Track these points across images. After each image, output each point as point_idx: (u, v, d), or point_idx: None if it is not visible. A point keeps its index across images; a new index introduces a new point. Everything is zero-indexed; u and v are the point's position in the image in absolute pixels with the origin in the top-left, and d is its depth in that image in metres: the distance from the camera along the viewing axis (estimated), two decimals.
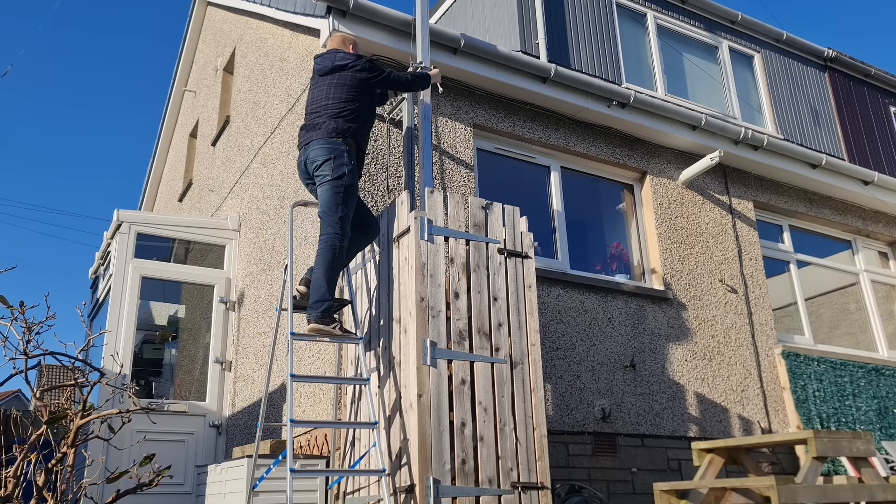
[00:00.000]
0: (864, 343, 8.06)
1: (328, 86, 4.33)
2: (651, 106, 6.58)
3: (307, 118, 4.38)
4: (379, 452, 3.79)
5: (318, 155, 4.14)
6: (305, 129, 4.33)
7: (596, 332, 5.87)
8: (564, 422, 5.41)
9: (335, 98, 4.28)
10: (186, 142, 10.63)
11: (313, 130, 4.26)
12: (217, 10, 9.74)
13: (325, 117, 4.25)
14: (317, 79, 4.44)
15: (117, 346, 6.33)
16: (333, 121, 4.22)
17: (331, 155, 4.12)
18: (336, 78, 4.33)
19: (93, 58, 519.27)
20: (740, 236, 7.19)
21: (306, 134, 4.29)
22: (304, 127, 4.36)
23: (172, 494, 6.16)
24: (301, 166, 4.31)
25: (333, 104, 4.26)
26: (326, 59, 4.42)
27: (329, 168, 4.10)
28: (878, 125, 9.73)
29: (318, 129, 4.23)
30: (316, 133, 4.23)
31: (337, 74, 4.33)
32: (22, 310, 2.98)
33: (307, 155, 4.21)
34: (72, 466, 3.05)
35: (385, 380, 4.12)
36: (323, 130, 4.21)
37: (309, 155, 4.19)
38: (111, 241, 6.95)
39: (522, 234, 4.40)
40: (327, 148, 4.14)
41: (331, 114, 4.24)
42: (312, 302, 4.00)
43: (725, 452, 4.52)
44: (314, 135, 4.23)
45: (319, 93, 4.35)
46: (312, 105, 4.37)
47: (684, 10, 8.56)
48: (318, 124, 4.25)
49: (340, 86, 4.30)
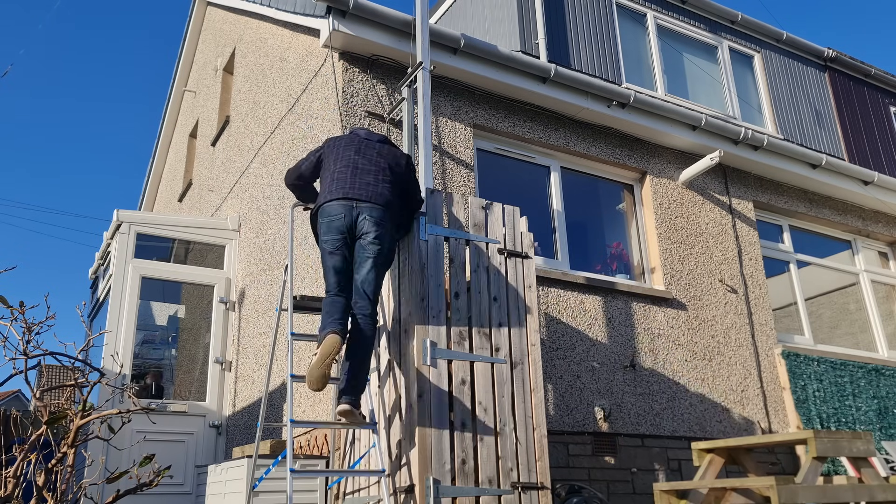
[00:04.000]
0: (864, 343, 8.06)
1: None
2: (651, 106, 6.58)
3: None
4: (379, 452, 3.79)
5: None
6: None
7: (596, 332, 5.87)
8: (564, 422, 5.41)
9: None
10: (186, 142, 10.63)
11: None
12: (217, 10, 9.74)
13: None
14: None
15: (117, 346, 6.33)
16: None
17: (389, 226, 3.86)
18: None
19: (93, 57, 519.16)
20: (740, 236, 7.19)
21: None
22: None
23: (172, 494, 6.17)
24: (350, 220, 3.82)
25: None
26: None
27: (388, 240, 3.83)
28: (878, 125, 9.73)
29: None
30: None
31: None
32: (22, 310, 2.98)
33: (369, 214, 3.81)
34: (72, 466, 3.05)
35: (385, 380, 4.12)
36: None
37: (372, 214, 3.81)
38: (111, 241, 6.95)
39: (522, 234, 4.40)
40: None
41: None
42: (352, 386, 3.63)
43: (725, 452, 4.52)
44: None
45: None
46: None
47: (684, 10, 8.56)
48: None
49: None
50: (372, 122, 5.40)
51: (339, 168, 3.92)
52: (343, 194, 3.78)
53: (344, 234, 3.75)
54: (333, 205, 3.78)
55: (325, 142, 4.16)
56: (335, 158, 3.98)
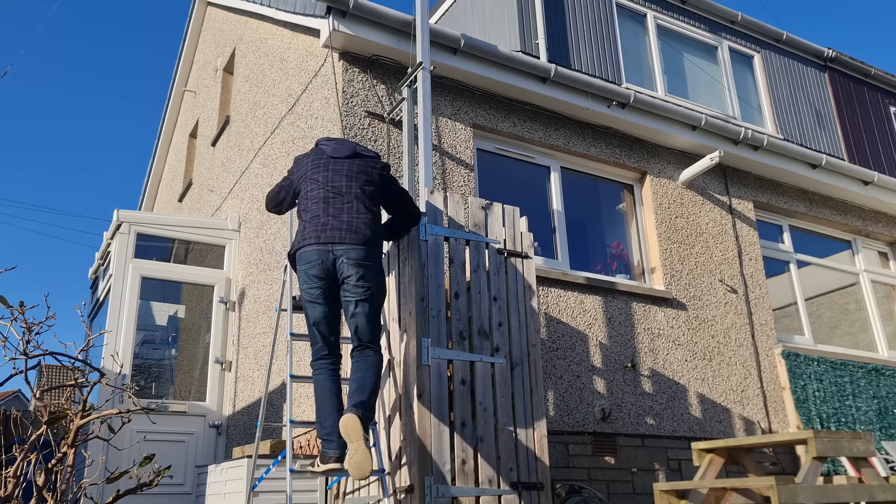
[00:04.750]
0: (864, 343, 8.06)
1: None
2: (651, 106, 6.58)
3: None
4: (379, 452, 3.79)
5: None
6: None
7: (596, 332, 5.87)
8: (564, 422, 5.41)
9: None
10: (186, 142, 10.63)
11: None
12: (217, 10, 9.74)
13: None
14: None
15: (117, 346, 6.33)
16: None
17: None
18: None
19: (93, 56, 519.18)
20: (740, 236, 7.19)
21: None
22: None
23: (172, 494, 6.17)
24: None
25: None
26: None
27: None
28: (878, 125, 9.73)
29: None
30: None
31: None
32: (22, 310, 2.98)
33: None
34: (72, 466, 3.05)
35: (385, 380, 4.12)
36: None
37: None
38: (111, 241, 6.95)
39: (522, 234, 4.40)
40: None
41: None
42: (362, 400, 3.39)
43: (725, 452, 4.52)
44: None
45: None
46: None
47: (684, 10, 8.56)
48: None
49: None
50: (371, 122, 5.40)
51: (310, 203, 3.66)
52: (316, 238, 3.52)
53: (324, 280, 3.51)
54: (308, 251, 3.54)
55: (294, 162, 3.91)
56: (305, 188, 3.73)
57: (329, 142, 3.88)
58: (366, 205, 3.65)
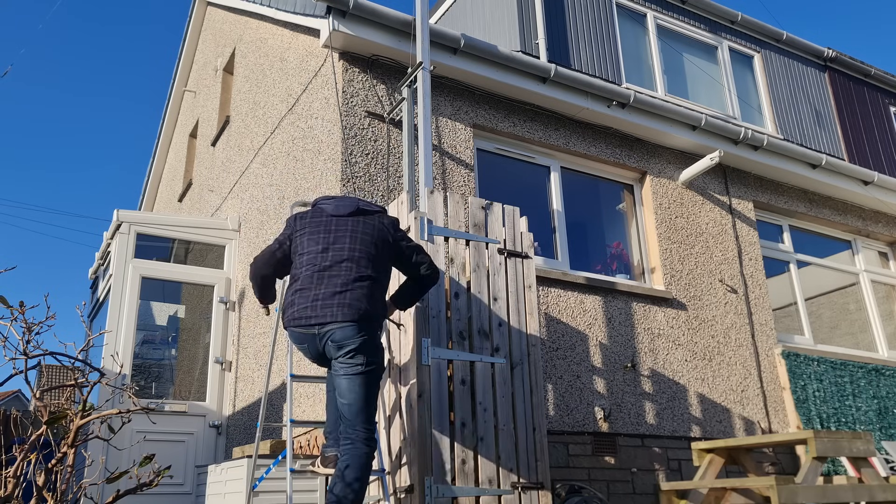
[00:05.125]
0: (864, 343, 8.06)
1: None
2: (651, 106, 6.58)
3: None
4: (379, 452, 3.79)
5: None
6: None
7: (596, 332, 5.87)
8: (564, 422, 5.41)
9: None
10: (186, 142, 10.63)
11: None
12: (217, 10, 9.74)
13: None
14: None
15: (117, 346, 6.33)
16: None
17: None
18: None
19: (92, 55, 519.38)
20: (740, 236, 7.19)
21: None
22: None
23: (172, 494, 6.16)
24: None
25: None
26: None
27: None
28: (878, 125, 9.73)
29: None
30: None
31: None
32: (22, 310, 2.98)
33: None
34: (72, 466, 3.05)
35: (385, 380, 4.12)
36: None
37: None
38: (111, 241, 6.95)
39: (522, 234, 4.40)
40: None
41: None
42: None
43: (725, 452, 4.53)
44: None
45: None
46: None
47: (684, 10, 8.56)
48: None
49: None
50: (371, 122, 5.40)
51: (303, 271, 3.33)
52: (305, 321, 3.21)
53: (317, 359, 3.31)
54: (295, 332, 3.28)
55: (287, 223, 3.55)
56: (300, 250, 3.41)
57: (329, 200, 3.53)
58: (367, 271, 3.30)
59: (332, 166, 5.23)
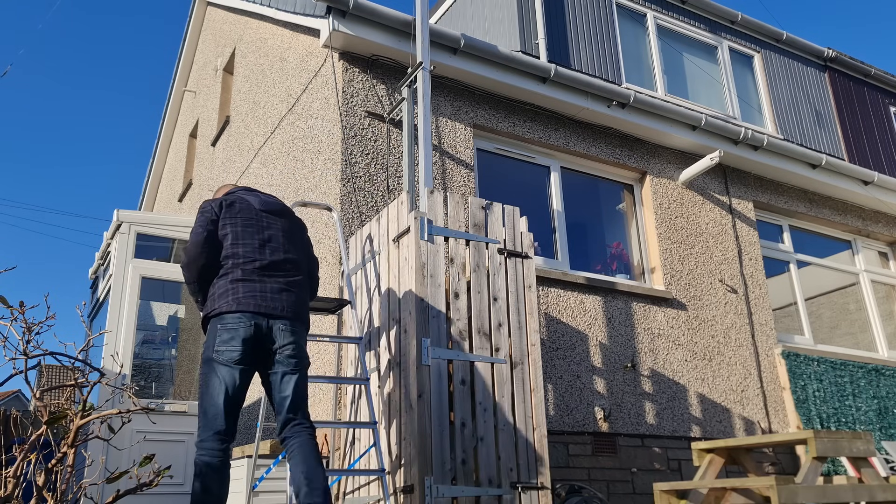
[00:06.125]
0: (864, 343, 8.06)
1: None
2: (651, 106, 6.58)
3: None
4: (379, 452, 3.79)
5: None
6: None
7: (596, 332, 5.87)
8: (564, 422, 5.41)
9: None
10: (186, 142, 10.64)
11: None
12: (217, 10, 9.75)
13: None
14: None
15: (117, 346, 6.33)
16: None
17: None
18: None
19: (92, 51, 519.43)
20: (740, 236, 7.19)
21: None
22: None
23: (172, 494, 6.16)
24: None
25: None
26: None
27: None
28: (878, 125, 9.73)
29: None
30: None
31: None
32: (22, 310, 2.98)
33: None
34: (72, 466, 3.05)
35: (385, 380, 4.12)
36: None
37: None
38: (111, 241, 6.95)
39: (522, 234, 4.40)
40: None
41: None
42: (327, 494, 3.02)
43: (725, 452, 4.52)
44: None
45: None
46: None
47: (684, 10, 8.56)
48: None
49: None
50: (371, 122, 5.40)
51: (240, 262, 3.28)
52: (255, 307, 3.16)
53: (247, 352, 3.13)
54: (242, 316, 3.16)
55: (206, 209, 3.40)
56: (232, 242, 3.32)
57: (249, 193, 3.53)
58: (301, 276, 3.41)
59: (332, 166, 5.23)
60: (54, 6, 76.89)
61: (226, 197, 3.47)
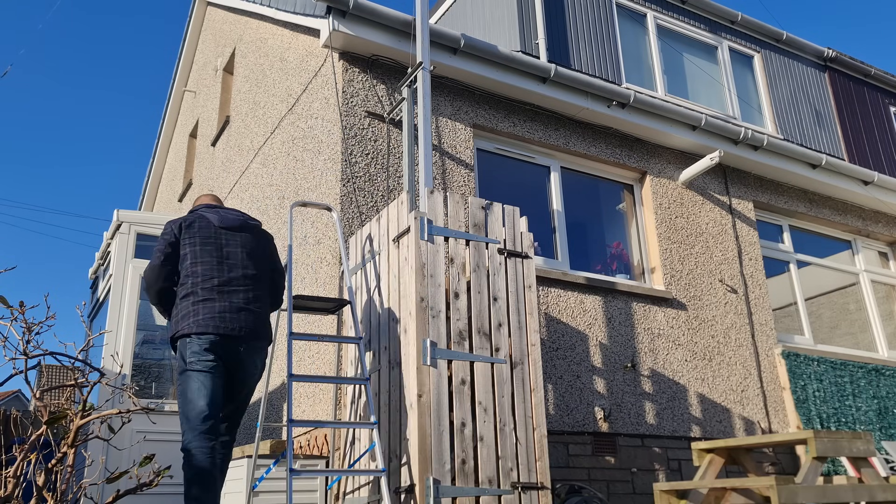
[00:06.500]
0: (864, 343, 8.06)
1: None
2: (651, 106, 6.58)
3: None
4: (379, 452, 3.79)
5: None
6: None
7: (596, 332, 5.87)
8: (564, 422, 5.41)
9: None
10: (186, 142, 10.64)
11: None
12: (217, 10, 9.75)
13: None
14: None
15: (117, 346, 6.33)
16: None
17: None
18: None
19: (93, 56, 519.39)
20: (740, 236, 7.19)
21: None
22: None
23: (172, 494, 6.16)
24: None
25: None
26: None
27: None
28: (878, 125, 9.73)
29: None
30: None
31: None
32: (22, 310, 2.98)
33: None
34: (72, 466, 3.05)
35: (385, 380, 4.12)
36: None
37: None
38: (111, 241, 6.95)
39: (522, 234, 4.40)
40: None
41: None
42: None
43: (725, 452, 4.52)
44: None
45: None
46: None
47: (684, 10, 8.56)
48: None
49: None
50: (371, 122, 5.40)
51: (200, 282, 3.40)
52: (214, 329, 3.32)
53: (220, 360, 3.36)
54: (205, 338, 3.33)
55: (167, 231, 3.54)
56: (191, 262, 3.45)
57: (210, 210, 3.64)
58: (260, 291, 3.57)
59: (332, 166, 5.23)
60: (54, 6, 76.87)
61: (185, 217, 3.63)
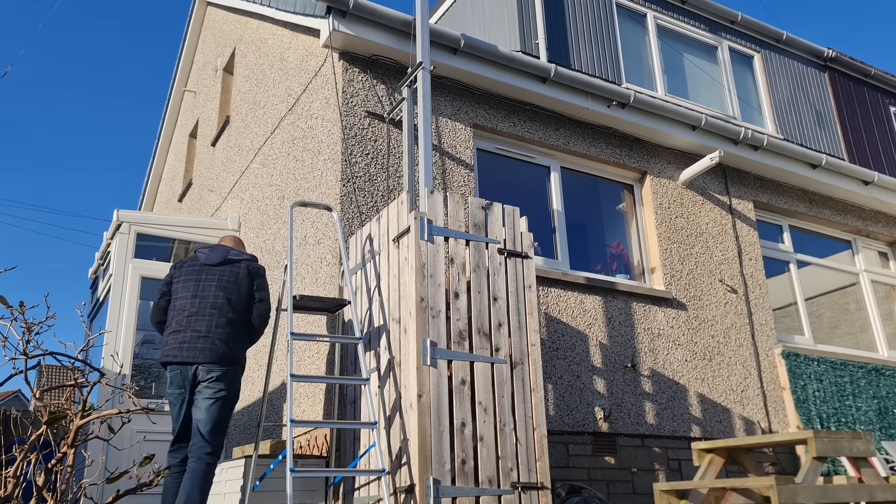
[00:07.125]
0: (864, 343, 8.06)
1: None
2: (651, 106, 6.58)
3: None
4: (379, 452, 3.79)
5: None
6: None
7: (596, 332, 5.87)
8: (564, 422, 5.41)
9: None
10: (186, 142, 10.63)
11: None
12: (217, 10, 9.74)
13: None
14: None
15: (117, 346, 6.33)
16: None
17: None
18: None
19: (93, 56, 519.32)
20: (740, 236, 7.18)
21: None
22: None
23: None
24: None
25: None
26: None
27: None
28: (878, 125, 9.72)
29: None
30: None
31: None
32: (22, 310, 2.98)
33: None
34: (72, 466, 3.05)
35: (385, 380, 4.12)
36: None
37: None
38: (111, 241, 6.95)
39: (522, 234, 4.40)
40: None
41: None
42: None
43: (725, 452, 4.52)
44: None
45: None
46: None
47: (684, 10, 8.56)
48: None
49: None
50: (371, 122, 5.40)
51: (175, 314, 3.98)
52: (173, 357, 3.86)
53: (182, 388, 3.86)
54: (170, 368, 3.90)
55: (169, 272, 4.20)
56: (175, 298, 4.04)
57: (205, 249, 4.18)
58: (228, 316, 3.95)
59: (332, 166, 5.23)
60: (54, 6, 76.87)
61: (183, 259, 4.23)
